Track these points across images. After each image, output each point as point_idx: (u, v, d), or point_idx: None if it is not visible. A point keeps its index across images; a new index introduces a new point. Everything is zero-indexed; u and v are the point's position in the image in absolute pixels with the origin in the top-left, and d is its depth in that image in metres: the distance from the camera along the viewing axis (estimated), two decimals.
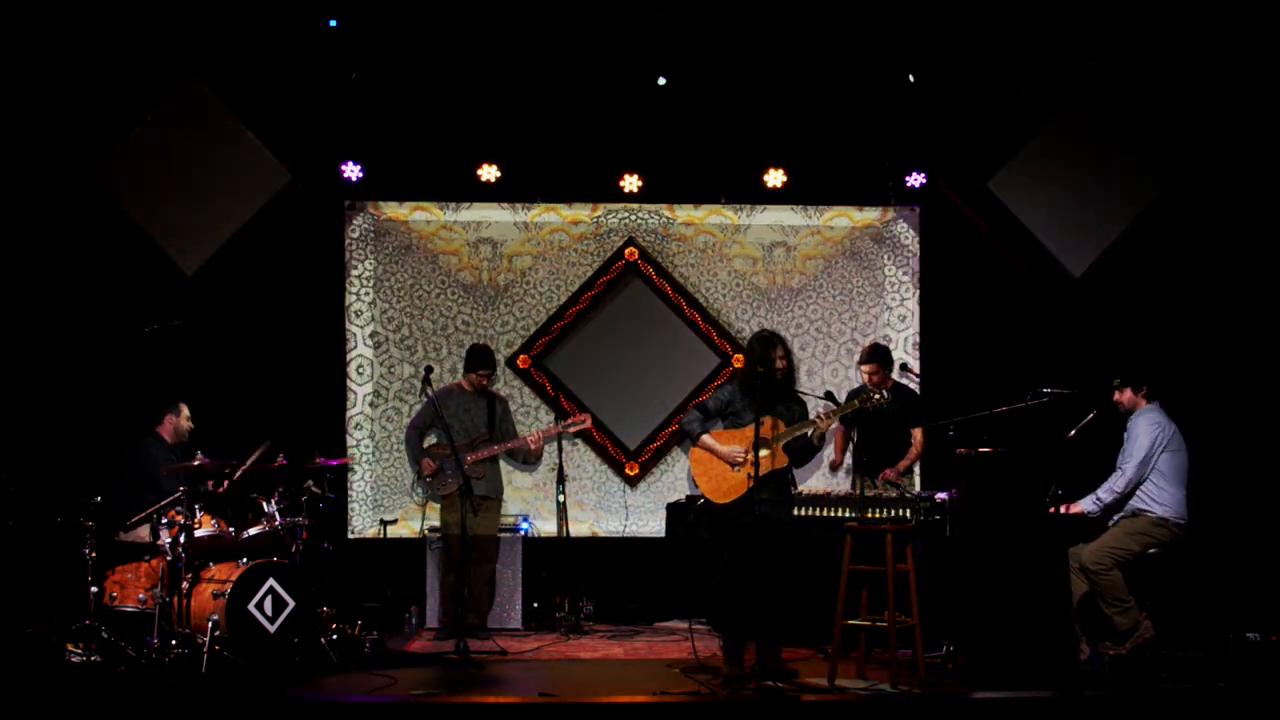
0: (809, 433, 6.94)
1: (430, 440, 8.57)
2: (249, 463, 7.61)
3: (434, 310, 9.55)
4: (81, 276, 8.96)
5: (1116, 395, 7.60)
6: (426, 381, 8.11)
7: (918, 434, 8.18)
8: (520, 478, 9.51)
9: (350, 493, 9.40)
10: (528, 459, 8.99)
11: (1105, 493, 7.42)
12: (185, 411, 8.06)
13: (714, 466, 7.01)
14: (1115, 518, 7.49)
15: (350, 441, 9.41)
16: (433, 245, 9.57)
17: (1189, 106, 9.20)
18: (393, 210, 9.55)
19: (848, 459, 8.51)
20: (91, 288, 8.97)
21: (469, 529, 8.24)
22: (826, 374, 9.59)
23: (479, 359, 8.50)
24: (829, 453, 8.51)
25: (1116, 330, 9.20)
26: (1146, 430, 7.41)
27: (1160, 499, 7.39)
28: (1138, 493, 7.41)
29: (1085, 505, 7.44)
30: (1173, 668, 7.00)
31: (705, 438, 7.04)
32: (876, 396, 7.13)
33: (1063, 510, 7.35)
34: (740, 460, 6.90)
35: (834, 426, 7.74)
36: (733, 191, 9.64)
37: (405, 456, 9.02)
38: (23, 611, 7.36)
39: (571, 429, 8.75)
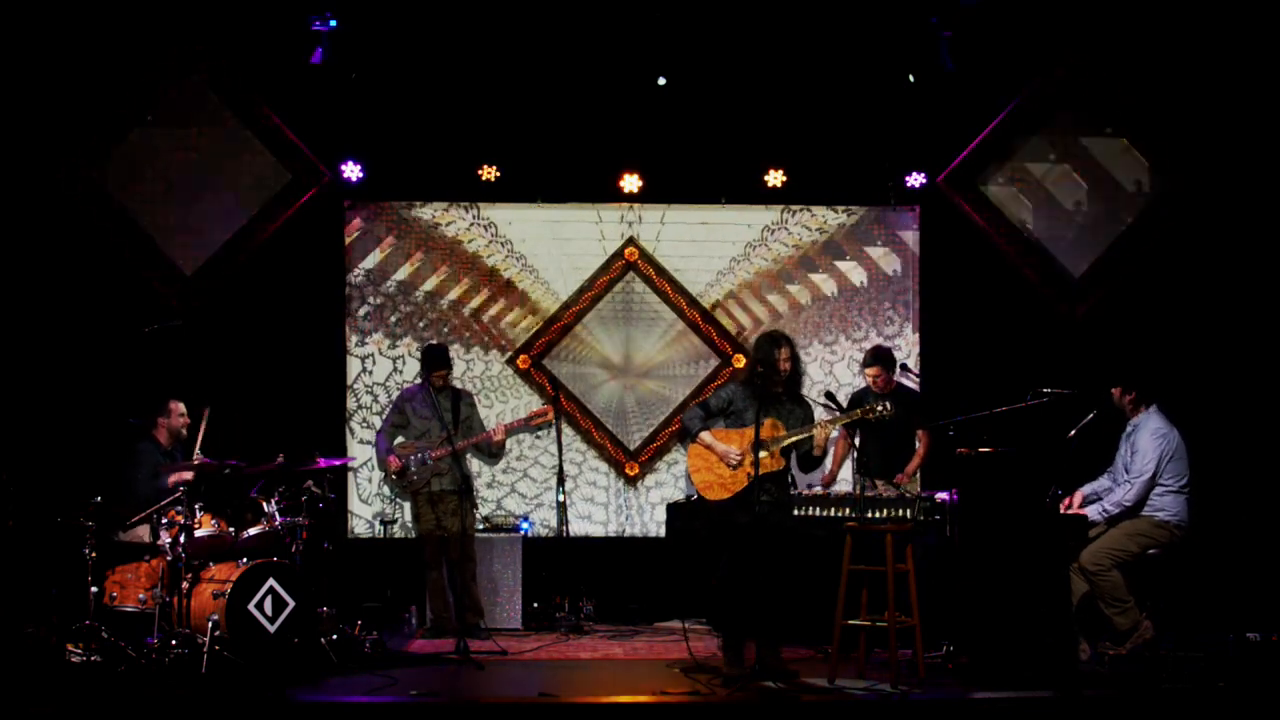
0: (810, 436, 6.93)
1: (399, 440, 8.56)
2: (200, 434, 7.69)
3: (433, 310, 9.54)
4: (82, 276, 8.97)
5: (1112, 389, 7.63)
6: (427, 382, 8.14)
7: (923, 436, 8.18)
8: (521, 477, 9.52)
9: (350, 493, 9.40)
10: (492, 451, 8.93)
11: (1113, 505, 7.43)
12: (178, 410, 8.02)
13: (711, 464, 7.00)
14: None
15: (350, 441, 9.40)
16: (432, 246, 9.56)
17: (1189, 106, 9.21)
18: (393, 210, 9.54)
19: (843, 470, 8.52)
20: (92, 288, 8.98)
21: (443, 528, 8.27)
22: (826, 370, 9.59)
23: (431, 360, 8.46)
24: (826, 464, 8.47)
25: (1116, 330, 9.20)
26: (1153, 445, 7.41)
27: (1162, 503, 7.41)
28: None
29: (1091, 514, 7.45)
30: (1173, 668, 7.00)
31: (704, 435, 7.03)
32: (880, 408, 6.93)
33: (1062, 509, 7.37)
34: (736, 462, 6.89)
35: (835, 435, 7.71)
36: (733, 191, 9.63)
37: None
38: (23, 611, 7.36)
39: (534, 422, 8.71)
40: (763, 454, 6.82)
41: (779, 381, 6.96)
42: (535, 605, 8.91)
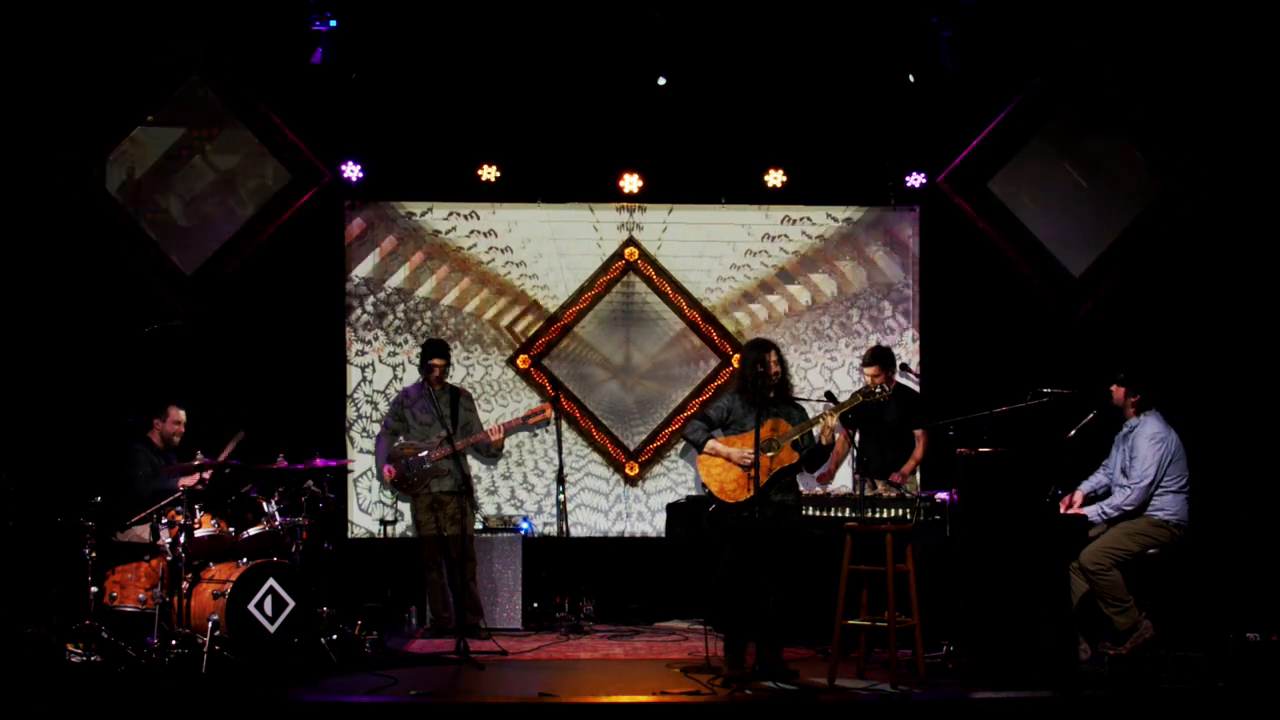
0: (815, 431, 6.96)
1: (400, 440, 8.54)
2: (225, 454, 7.61)
3: (433, 310, 9.54)
4: (82, 276, 8.97)
5: (1113, 387, 7.62)
6: (426, 382, 8.13)
7: (921, 435, 8.19)
8: (521, 482, 9.52)
9: (350, 502, 9.39)
10: (491, 452, 8.89)
11: (1112, 509, 7.42)
12: (174, 415, 8.00)
13: (723, 468, 7.01)
14: None
15: (350, 449, 9.39)
16: (432, 246, 9.56)
17: (1189, 106, 9.21)
18: (393, 210, 9.54)
19: (842, 467, 8.53)
20: (92, 287, 8.98)
21: (442, 528, 8.28)
22: (826, 376, 9.59)
23: (429, 350, 8.47)
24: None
25: (1116, 330, 9.20)
26: (1152, 450, 7.39)
27: (1161, 503, 7.40)
28: None
29: (1091, 515, 7.44)
30: (1173, 668, 7.00)
31: (712, 442, 7.07)
32: (878, 391, 7.13)
33: (1062, 509, 7.37)
34: (750, 461, 6.90)
35: (837, 426, 7.74)
36: (733, 191, 9.63)
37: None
38: (23, 611, 7.36)
39: (531, 421, 8.71)
40: (771, 453, 6.85)
41: (771, 386, 7.00)
42: (535, 605, 8.91)
